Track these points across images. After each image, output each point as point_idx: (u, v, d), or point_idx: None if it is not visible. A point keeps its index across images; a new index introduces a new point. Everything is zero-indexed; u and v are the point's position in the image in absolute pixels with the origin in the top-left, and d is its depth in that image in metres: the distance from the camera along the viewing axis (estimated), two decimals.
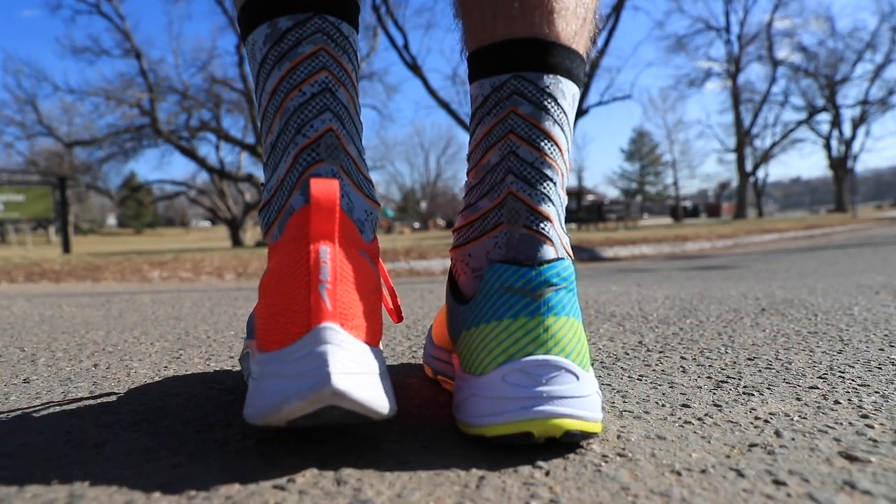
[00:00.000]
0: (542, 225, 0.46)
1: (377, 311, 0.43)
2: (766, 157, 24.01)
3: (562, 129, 0.48)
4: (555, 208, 0.47)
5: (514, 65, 0.47)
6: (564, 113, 0.48)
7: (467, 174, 0.51)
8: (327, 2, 0.47)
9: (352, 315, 0.40)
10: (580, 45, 0.49)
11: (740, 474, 0.37)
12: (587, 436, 0.41)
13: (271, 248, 0.44)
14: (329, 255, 0.40)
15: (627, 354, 0.76)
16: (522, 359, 0.41)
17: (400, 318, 0.53)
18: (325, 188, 0.41)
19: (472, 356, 0.44)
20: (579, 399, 0.40)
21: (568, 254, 0.48)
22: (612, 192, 40.11)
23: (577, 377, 0.41)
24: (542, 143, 0.47)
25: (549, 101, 0.47)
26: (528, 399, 0.40)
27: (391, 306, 0.52)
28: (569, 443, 0.41)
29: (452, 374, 0.57)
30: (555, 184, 0.47)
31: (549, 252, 0.45)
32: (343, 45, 0.48)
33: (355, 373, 0.37)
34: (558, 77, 0.48)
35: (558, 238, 0.47)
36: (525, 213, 0.46)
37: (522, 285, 0.42)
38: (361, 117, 0.51)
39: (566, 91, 0.48)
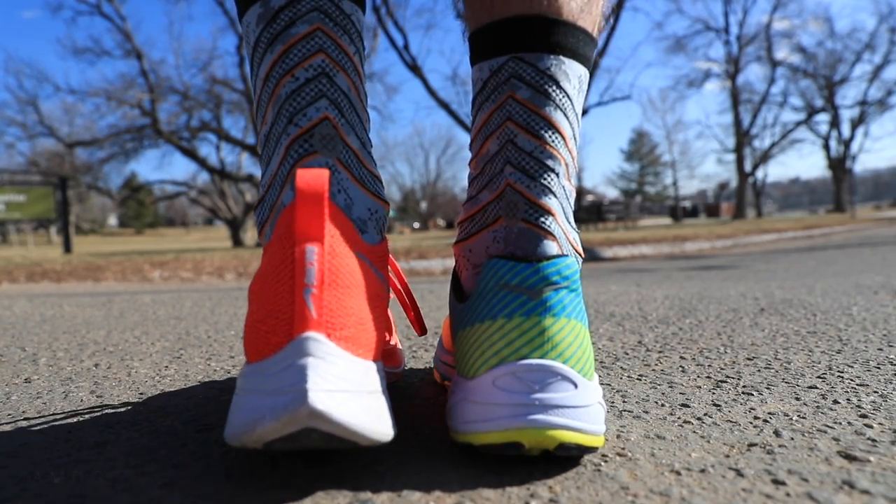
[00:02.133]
0: (542, 219, 0.43)
1: (376, 321, 0.39)
2: (765, 157, 24.01)
3: (565, 115, 0.45)
4: (557, 201, 0.44)
5: (511, 45, 0.44)
6: (568, 97, 0.45)
7: (469, 164, 0.48)
8: None
9: (341, 324, 0.35)
10: (587, 21, 0.45)
11: (739, 474, 0.37)
12: (585, 450, 0.38)
13: (264, 249, 0.40)
14: (316, 255, 0.35)
15: (627, 354, 0.77)
16: (515, 362, 0.38)
17: (424, 331, 0.50)
18: (310, 179, 0.36)
19: (464, 358, 0.41)
20: (577, 409, 0.37)
21: (576, 251, 0.45)
22: (612, 193, 40.15)
23: (576, 385, 0.38)
24: (543, 131, 0.44)
25: (551, 84, 0.44)
26: (520, 406, 0.36)
27: (413, 316, 0.49)
28: (565, 456, 0.39)
29: None
30: (557, 175, 0.44)
31: (550, 248, 0.42)
32: (344, 25, 0.44)
33: (340, 391, 0.33)
34: (561, 58, 0.44)
35: (562, 233, 0.43)
36: (524, 206, 0.43)
37: (519, 282, 0.39)
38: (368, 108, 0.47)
39: (570, 73, 0.45)
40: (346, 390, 0.33)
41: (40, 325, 1.24)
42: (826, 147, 24.85)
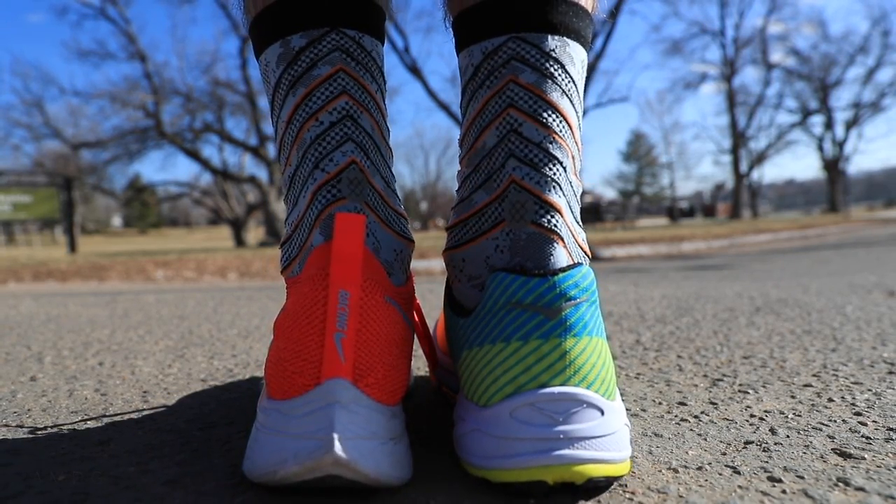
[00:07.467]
0: (552, 220, 0.38)
1: (401, 366, 0.38)
2: (760, 158, 24.00)
3: (571, 102, 0.40)
4: (565, 198, 0.39)
5: (511, 24, 0.39)
6: (573, 82, 0.41)
7: (460, 162, 0.43)
8: (345, 14, 0.41)
9: (369, 370, 0.35)
10: (587, 0, 0.42)
11: (736, 471, 0.38)
12: (613, 480, 0.35)
13: (290, 283, 0.39)
14: (349, 300, 0.35)
15: (625, 353, 0.77)
16: (535, 391, 0.34)
17: (436, 365, 0.49)
18: (349, 225, 0.36)
19: (474, 382, 0.37)
20: (604, 438, 0.34)
21: (584, 252, 0.40)
22: (610, 193, 40.16)
23: (602, 412, 0.34)
24: (551, 119, 0.39)
25: (556, 67, 0.40)
26: (543, 441, 0.33)
27: (428, 351, 0.48)
28: (591, 488, 0.35)
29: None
30: (564, 168, 0.39)
31: (562, 256, 0.38)
32: (365, 63, 0.42)
33: (365, 438, 0.33)
34: (565, 39, 0.40)
35: (570, 234, 0.39)
36: (532, 205, 0.38)
37: (534, 300, 0.35)
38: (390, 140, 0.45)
39: (574, 56, 0.41)
40: (371, 438, 0.33)
41: (45, 324, 1.24)
42: (820, 148, 24.81)
